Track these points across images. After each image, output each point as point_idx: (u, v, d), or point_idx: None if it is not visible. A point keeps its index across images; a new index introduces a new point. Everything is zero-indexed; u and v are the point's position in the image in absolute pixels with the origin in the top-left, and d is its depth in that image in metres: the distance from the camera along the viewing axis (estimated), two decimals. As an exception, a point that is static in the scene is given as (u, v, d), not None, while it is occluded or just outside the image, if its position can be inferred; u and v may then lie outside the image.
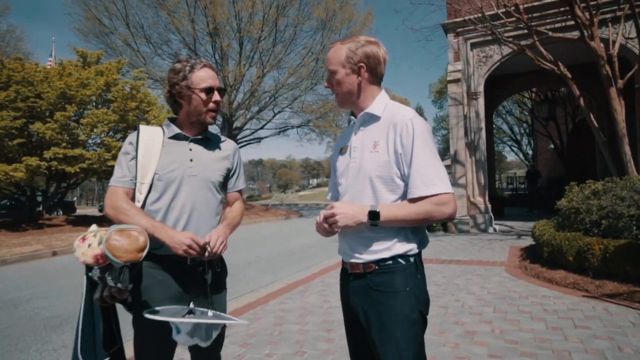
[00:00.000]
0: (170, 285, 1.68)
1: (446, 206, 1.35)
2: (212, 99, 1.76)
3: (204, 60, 1.79)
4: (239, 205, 1.98)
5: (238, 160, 1.96)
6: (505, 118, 31.10)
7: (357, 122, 1.54)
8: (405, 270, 1.42)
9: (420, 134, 1.38)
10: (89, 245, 1.45)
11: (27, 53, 29.57)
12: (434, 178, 1.34)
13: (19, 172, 11.41)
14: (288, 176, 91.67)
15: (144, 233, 1.49)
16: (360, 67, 1.45)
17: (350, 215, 1.36)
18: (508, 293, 4.64)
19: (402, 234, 1.42)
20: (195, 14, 18.98)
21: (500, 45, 10.16)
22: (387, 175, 1.41)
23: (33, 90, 12.25)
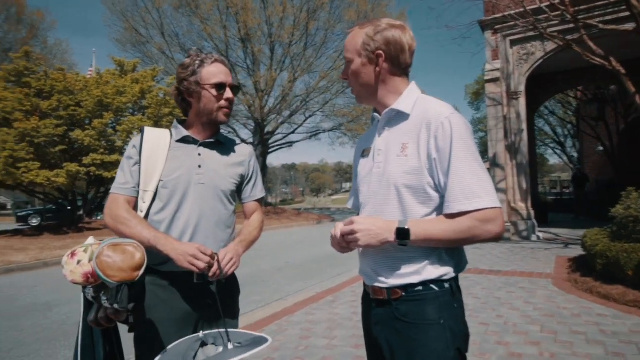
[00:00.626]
0: (176, 305, 1.50)
1: (493, 224, 1.09)
2: (224, 96, 1.57)
3: (216, 55, 1.61)
4: (257, 217, 1.77)
5: (254, 166, 1.75)
6: (548, 119, 29.64)
7: (381, 121, 1.30)
8: (438, 298, 1.17)
9: (460, 135, 1.12)
10: (79, 261, 1.25)
11: (71, 64, 31.21)
12: (478, 189, 1.09)
13: (60, 177, 11.86)
14: (321, 180, 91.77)
15: (140, 249, 1.29)
16: (378, 55, 1.21)
17: (373, 232, 1.12)
18: (557, 310, 4.20)
19: (435, 255, 1.18)
20: (227, 21, 19.28)
21: (543, 42, 9.56)
22: (417, 184, 1.16)
23: (73, 99, 12.74)
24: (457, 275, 1.22)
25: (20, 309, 5.35)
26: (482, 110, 42.35)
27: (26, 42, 27.24)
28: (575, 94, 19.84)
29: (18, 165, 11.66)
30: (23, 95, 12.35)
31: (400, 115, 1.25)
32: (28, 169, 11.69)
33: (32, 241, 11.83)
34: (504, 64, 10.20)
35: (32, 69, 13.12)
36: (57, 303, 5.60)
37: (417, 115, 1.21)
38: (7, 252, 9.89)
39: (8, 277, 7.81)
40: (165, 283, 1.50)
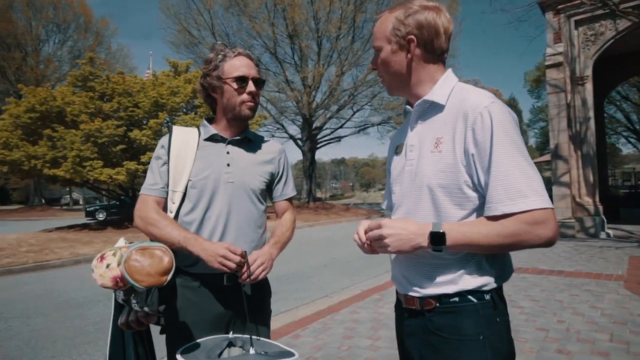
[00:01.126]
0: (206, 307, 1.46)
1: (543, 227, 0.93)
2: (247, 89, 1.49)
3: (240, 49, 1.54)
4: (289, 217, 1.70)
5: (284, 163, 1.69)
6: (620, 105, 27.18)
7: (413, 114, 1.16)
8: (477, 311, 1.03)
9: (501, 127, 0.97)
10: (108, 265, 1.24)
11: (132, 68, 33.28)
12: (525, 188, 0.94)
13: (120, 175, 12.63)
14: (370, 175, 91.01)
15: (169, 253, 1.27)
16: (409, 40, 1.07)
17: (404, 237, 0.99)
18: (630, 317, 3.77)
19: (474, 262, 1.04)
20: (274, 18, 19.48)
21: (614, 20, 8.66)
22: (452, 183, 1.03)
23: (132, 100, 13.49)
24: (499, 285, 1.07)
25: (85, 298, 5.72)
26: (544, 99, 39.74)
27: (93, 49, 29.37)
28: (652, 77, 17.98)
29: (84, 164, 12.57)
30: (88, 98, 13.27)
31: (434, 106, 1.11)
32: (93, 167, 12.57)
33: (97, 234, 12.72)
34: (567, 47, 9.40)
35: (96, 74, 14.05)
36: (115, 294, 5.93)
37: (453, 106, 1.07)
38: (76, 244, 10.70)
39: (76, 268, 8.44)
40: (195, 285, 1.47)
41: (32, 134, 13.62)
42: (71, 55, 32.22)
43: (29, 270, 8.13)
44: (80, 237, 11.97)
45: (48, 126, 13.16)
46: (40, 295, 5.97)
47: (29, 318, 4.82)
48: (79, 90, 14.22)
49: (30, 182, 31.45)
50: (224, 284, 1.46)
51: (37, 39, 30.96)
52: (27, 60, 30.49)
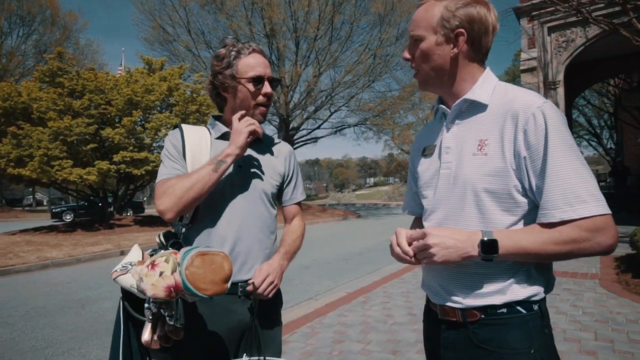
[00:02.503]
0: (217, 320, 1.36)
1: (603, 234, 0.89)
2: (262, 90, 1.40)
3: (254, 45, 1.44)
4: (299, 223, 1.62)
5: (294, 166, 1.61)
6: (582, 109, 28.38)
7: (450, 113, 1.09)
8: (527, 322, 0.98)
9: (556, 129, 0.92)
10: (161, 273, 1.11)
11: (101, 64, 32.15)
12: (583, 193, 0.89)
13: (91, 175, 12.13)
14: (344, 175, 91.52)
15: (228, 259, 1.17)
16: (458, 34, 1.01)
17: (452, 247, 0.93)
18: (610, 315, 3.89)
19: (523, 271, 0.98)
20: (252, 17, 19.25)
21: (584, 27, 9.02)
22: (501, 188, 0.96)
23: (104, 97, 13.00)
24: (546, 296, 1.02)
25: (55, 305, 5.42)
26: (513, 102, 40.95)
27: (60, 44, 28.18)
28: (615, 82, 18.85)
29: (52, 164, 11.99)
30: (56, 95, 12.68)
31: (475, 106, 1.05)
32: (61, 166, 12.01)
33: (66, 237, 12.17)
34: (541, 53, 9.71)
35: (65, 69, 13.46)
36: (89, 300, 5.65)
37: (498, 106, 1.01)
38: (43, 247, 10.19)
39: (44, 273, 8.01)
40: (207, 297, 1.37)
41: (-5, 132, 12.92)
42: (36, 49, 30.79)
43: (-9, 275, 7.66)
44: (47, 240, 11.42)
45: (12, 123, 12.48)
46: (5, 303, 5.61)
47: (-6, 328, 4.53)
48: (46, 86, 13.57)
49: (-10, 182, 29.88)
50: (238, 295, 1.36)
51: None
52: (-13, 54, 28.99)
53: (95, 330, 4.39)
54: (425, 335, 1.20)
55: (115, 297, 5.93)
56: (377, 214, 23.75)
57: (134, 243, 10.25)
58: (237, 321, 1.37)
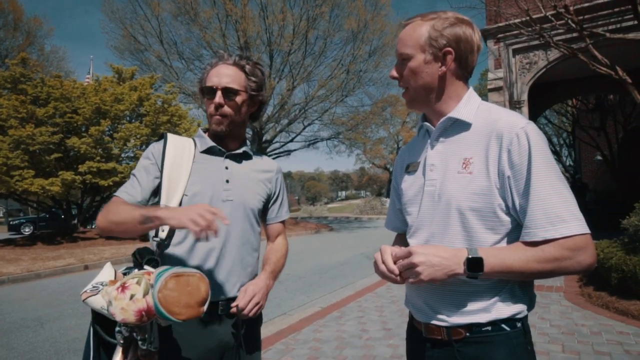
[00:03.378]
0: (195, 341, 1.32)
1: (584, 253, 0.92)
2: (212, 101, 1.37)
3: (226, 56, 1.42)
4: (283, 242, 1.62)
5: (281, 183, 1.61)
6: (543, 128, 29.75)
7: (435, 131, 1.11)
8: (511, 340, 1.00)
9: (539, 150, 0.96)
10: (132, 296, 1.04)
11: (68, 72, 31.01)
12: (564, 212, 0.92)
13: (55, 186, 11.61)
14: (316, 188, 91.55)
15: (205, 280, 1.12)
16: (446, 52, 1.04)
17: (438, 265, 0.94)
18: (575, 327, 4.03)
19: (507, 289, 1.01)
20: (226, 29, 19.18)
21: (545, 51, 9.52)
22: (486, 207, 0.99)
23: (70, 106, 12.55)
24: (528, 313, 1.05)
25: (11, 324, 5.11)
26: (479, 120, 42.48)
27: (23, 49, 27.02)
28: (573, 103, 19.90)
29: (12, 174, 11.41)
30: (19, 102, 12.13)
31: (459, 124, 1.08)
32: (22, 177, 11.44)
33: (25, 251, 11.53)
34: (507, 73, 10.15)
35: (29, 76, 12.93)
36: (49, 318, 5.36)
37: (482, 125, 1.04)
38: (-1, 262, 9.61)
39: (0, 290, 7.55)
40: None
41: (-51, 139, 12.19)
42: (-4, 54, 29.46)
43: (-60, 293, 7.14)
44: (3, 254, 10.78)
45: (-31, 131, 11.85)
46: (-44, 323, 5.25)
47: (-57, 350, 4.20)
48: (7, 92, 12.98)
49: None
50: (218, 314, 1.33)
51: (-45, 34, 28.05)
52: (-58, 57, 27.45)
53: (56, 350, 4.16)
54: (408, 354, 1.20)
55: (78, 314, 5.66)
56: (349, 227, 23.84)
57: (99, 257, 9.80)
58: (216, 341, 1.34)
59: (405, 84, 1.11)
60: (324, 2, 18.83)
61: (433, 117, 1.13)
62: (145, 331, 1.11)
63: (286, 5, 19.05)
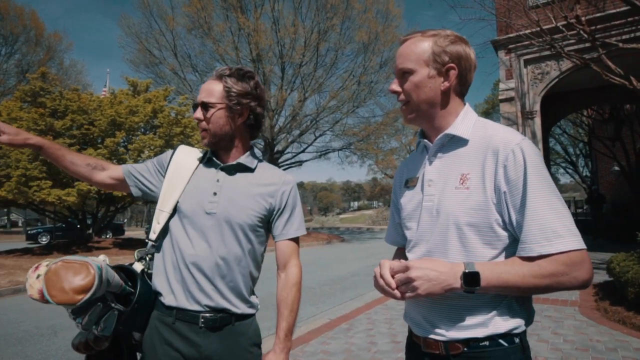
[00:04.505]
0: (176, 347, 1.34)
1: (579, 268, 0.92)
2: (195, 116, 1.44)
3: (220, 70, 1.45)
4: (294, 272, 1.46)
5: (289, 197, 1.49)
6: (559, 138, 29.35)
7: (432, 147, 1.13)
8: (508, 356, 1.00)
9: (534, 166, 0.97)
10: (38, 276, 1.16)
11: (86, 85, 31.88)
12: (560, 228, 0.93)
13: (71, 196, 11.85)
14: (329, 199, 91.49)
15: (92, 271, 1.15)
16: (449, 68, 1.06)
17: (435, 279, 0.95)
18: (590, 343, 3.93)
19: (505, 304, 1.01)
20: (239, 42, 19.54)
21: (558, 61, 9.45)
22: (483, 222, 1.00)
23: (87, 118, 12.86)
24: (526, 329, 1.05)
25: (25, 332, 5.20)
26: (492, 130, 42.04)
27: (43, 64, 27.89)
28: (589, 113, 19.62)
29: (30, 184, 11.69)
30: (38, 115, 12.48)
31: (456, 140, 1.09)
32: (40, 187, 11.71)
33: (41, 260, 11.75)
34: (518, 84, 10.09)
35: (48, 89, 13.31)
36: (62, 327, 5.44)
37: (479, 141, 1.05)
38: (16, 271, 9.80)
39: (15, 299, 7.69)
40: (169, 320, 1.36)
41: (-29, 151, 12.58)
42: (18, 69, 30.39)
43: (-41, 301, 7.31)
44: (20, 263, 11.00)
45: (-10, 143, 12.20)
46: (-27, 331, 5.36)
47: (-41, 357, 4.30)
48: (27, 105, 13.38)
49: (-38, 202, 28.83)
50: (199, 326, 1.34)
51: (-20, 50, 29.06)
52: (-33, 72, 28.46)
53: (68, 359, 4.21)
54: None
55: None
56: (361, 238, 23.72)
57: (112, 267, 10.06)
58: (197, 352, 1.35)
59: (406, 98, 1.12)
60: (335, 15, 19.07)
61: (431, 132, 1.14)
62: (90, 314, 1.17)
63: (298, 18, 19.34)
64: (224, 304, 1.36)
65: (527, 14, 8.11)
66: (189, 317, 1.34)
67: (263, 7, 19.32)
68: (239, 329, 1.39)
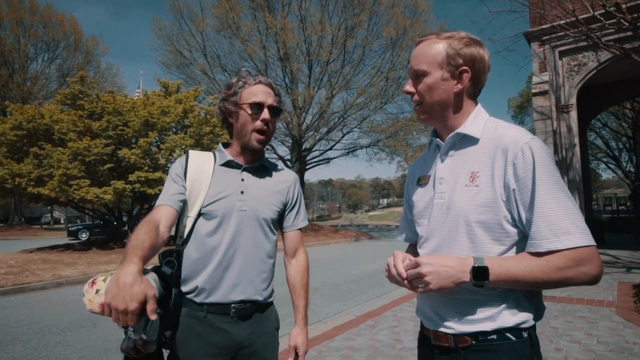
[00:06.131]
0: (209, 340, 1.41)
1: (588, 265, 0.93)
2: (260, 116, 1.47)
3: (261, 77, 1.53)
4: (302, 257, 1.66)
5: (297, 192, 1.66)
6: (600, 132, 28.04)
7: (444, 146, 1.15)
8: (516, 349, 1.01)
9: (543, 164, 0.98)
10: (97, 291, 1.20)
11: (121, 87, 33.21)
12: (568, 225, 0.94)
13: (107, 194, 12.39)
14: (357, 196, 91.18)
15: (153, 286, 1.20)
16: (463, 71, 1.08)
17: (445, 274, 0.98)
18: (626, 345, 3.77)
19: (513, 298, 1.02)
20: (266, 41, 19.76)
21: (596, 52, 9.03)
22: (492, 219, 1.02)
23: (122, 119, 13.39)
24: (535, 323, 1.05)
25: (68, 323, 5.49)
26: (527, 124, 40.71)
27: (82, 67, 29.24)
28: (632, 105, 18.63)
29: (71, 183, 12.31)
30: (77, 117, 13.11)
31: (467, 139, 1.11)
32: (79, 186, 12.31)
33: (81, 255, 12.36)
34: (553, 76, 9.71)
35: (86, 92, 13.95)
36: (100, 319, 5.70)
37: (489, 140, 1.07)
38: (58, 266, 10.36)
39: (58, 291, 8.13)
40: (201, 315, 1.42)
41: (18, 152, 13.34)
42: (59, 73, 31.97)
43: (7, 293, 7.80)
44: (62, 258, 11.61)
45: (35, 144, 12.91)
46: (19, 321, 5.71)
47: (6, 345, 4.59)
48: (67, 108, 14.07)
49: (9, 200, 30.65)
50: (230, 317, 1.42)
51: (25, 56, 30.68)
52: (14, 78, 30.13)
53: (106, 349, 4.42)
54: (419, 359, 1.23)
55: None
56: (389, 235, 23.54)
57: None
58: (229, 340, 1.42)
59: (420, 99, 1.14)
60: (362, 11, 18.94)
61: (443, 132, 1.17)
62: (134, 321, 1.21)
63: (325, 15, 19.34)
64: (255, 296, 1.47)
65: (562, 3, 7.78)
66: (220, 310, 1.42)
67: (290, 6, 19.45)
68: (264, 315, 1.51)
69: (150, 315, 1.07)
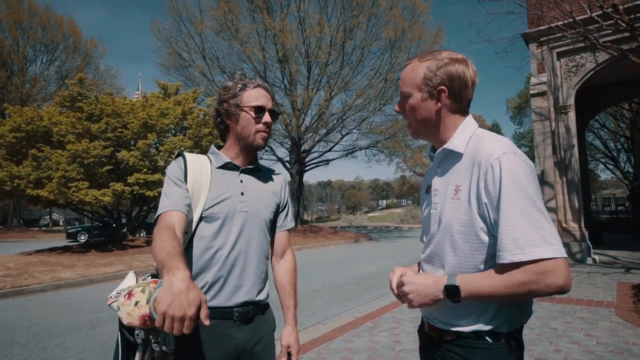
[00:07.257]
0: (213, 346, 1.41)
1: (551, 276, 0.95)
2: (263, 119, 1.51)
3: (259, 81, 1.57)
4: (290, 257, 1.69)
5: (287, 194, 1.72)
6: (598, 132, 28.10)
7: (435, 160, 1.24)
8: (491, 350, 1.08)
9: (510, 178, 1.01)
10: (136, 303, 1.16)
11: (120, 88, 33.17)
12: (532, 236, 0.96)
13: (106, 196, 12.35)
14: (357, 197, 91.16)
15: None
16: (440, 91, 1.14)
17: (423, 292, 1.10)
18: (625, 345, 3.78)
19: (492, 306, 1.10)
20: (265, 43, 19.77)
21: (594, 53, 9.05)
22: (469, 230, 1.08)
23: (121, 121, 13.35)
24: (517, 328, 1.12)
25: (66, 326, 5.48)
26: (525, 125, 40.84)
27: (81, 69, 29.21)
28: (630, 106, 18.69)
29: (69, 185, 12.28)
30: (76, 119, 13.08)
31: (453, 154, 1.18)
32: (78, 188, 12.27)
33: (80, 258, 12.33)
34: (551, 77, 9.73)
35: (85, 94, 13.92)
36: (99, 321, 5.70)
37: (470, 155, 1.13)
38: (57, 268, 10.33)
39: (57, 294, 8.12)
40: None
41: (16, 154, 13.31)
42: (58, 75, 31.92)
43: (6, 295, 7.78)
44: (61, 261, 11.58)
45: (33, 146, 12.87)
46: (18, 323, 5.70)
47: (5, 348, 4.58)
48: (66, 110, 14.04)
49: (8, 202, 30.59)
50: (233, 321, 1.42)
51: (24, 58, 30.60)
52: (12, 80, 30.07)
53: (105, 352, 4.42)
54: (420, 347, 1.35)
55: (124, 319, 6.01)
56: (389, 236, 23.54)
57: (146, 264, 10.28)
58: (233, 345, 1.42)
59: (407, 119, 1.25)
60: (361, 13, 18.96)
61: (437, 145, 1.24)
62: (159, 334, 1.19)
63: (323, 17, 19.36)
64: (257, 297, 1.48)
65: (559, 5, 7.80)
66: (223, 315, 1.41)
67: (289, 8, 19.46)
68: (264, 317, 1.54)
69: (204, 321, 1.04)
